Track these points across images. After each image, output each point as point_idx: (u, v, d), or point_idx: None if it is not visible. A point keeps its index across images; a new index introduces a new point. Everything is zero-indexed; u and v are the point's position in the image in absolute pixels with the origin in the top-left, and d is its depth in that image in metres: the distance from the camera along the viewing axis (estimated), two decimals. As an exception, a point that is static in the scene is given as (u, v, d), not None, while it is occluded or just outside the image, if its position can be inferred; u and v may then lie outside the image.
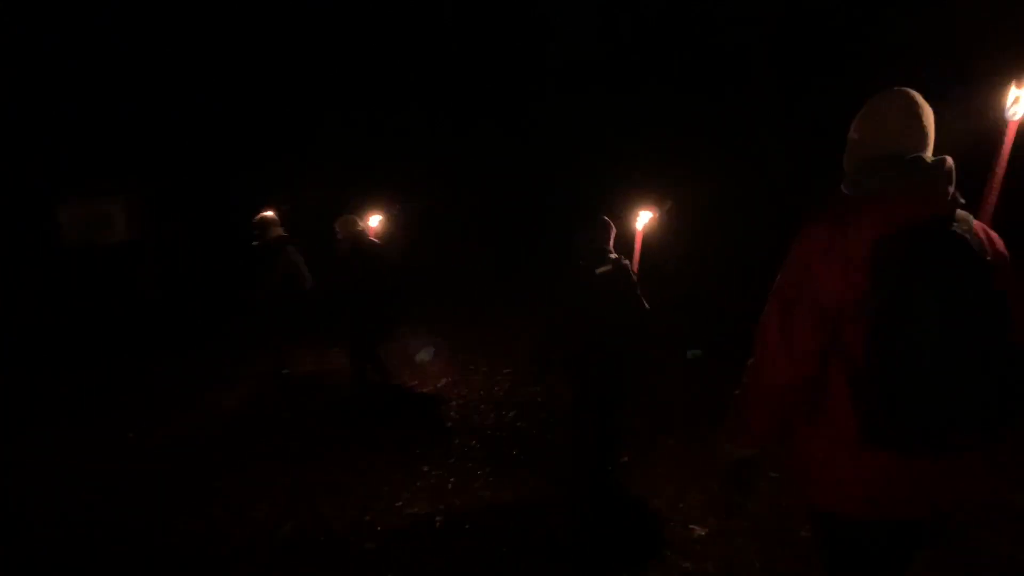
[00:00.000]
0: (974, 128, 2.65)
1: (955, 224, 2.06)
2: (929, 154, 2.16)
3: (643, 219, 4.48)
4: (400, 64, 14.69)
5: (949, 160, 2.11)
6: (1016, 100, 2.53)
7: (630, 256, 4.67)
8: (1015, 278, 2.13)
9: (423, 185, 13.38)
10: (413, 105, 14.52)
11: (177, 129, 13.44)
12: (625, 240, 4.87)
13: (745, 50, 12.25)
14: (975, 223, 2.14)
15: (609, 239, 4.62)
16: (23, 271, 11.59)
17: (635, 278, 4.55)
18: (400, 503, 5.00)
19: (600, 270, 4.47)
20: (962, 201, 2.12)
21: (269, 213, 7.85)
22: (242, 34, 13.51)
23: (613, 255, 4.56)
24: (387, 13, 14.40)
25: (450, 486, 5.25)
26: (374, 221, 7.38)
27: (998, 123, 2.56)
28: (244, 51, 13.56)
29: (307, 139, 14.14)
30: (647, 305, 4.57)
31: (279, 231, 7.73)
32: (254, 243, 7.70)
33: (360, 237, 6.85)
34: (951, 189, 2.10)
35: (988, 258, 2.06)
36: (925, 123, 2.16)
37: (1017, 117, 2.53)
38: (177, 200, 13.33)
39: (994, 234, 2.18)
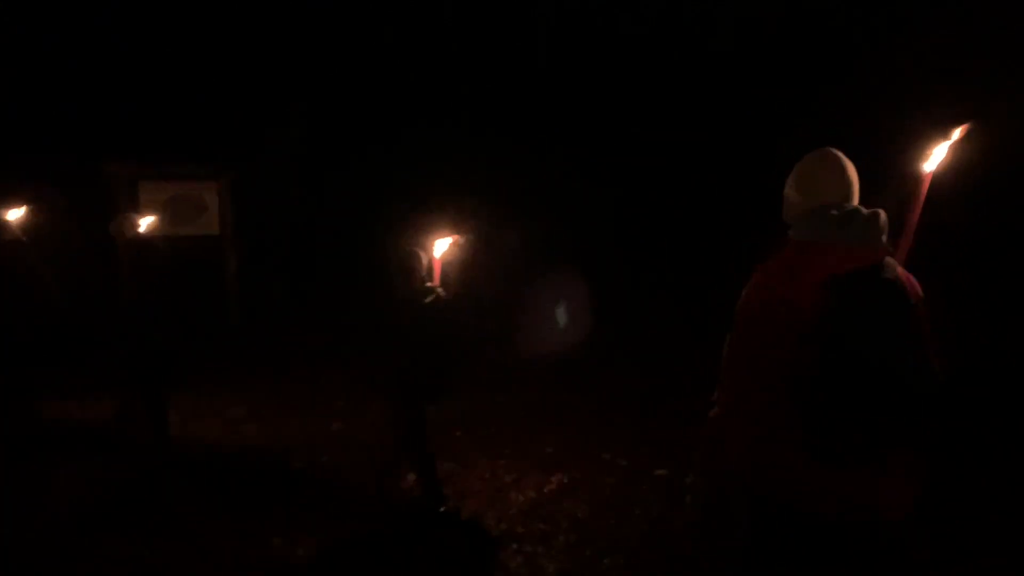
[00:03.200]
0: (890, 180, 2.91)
1: (885, 270, 2.42)
2: (856, 203, 2.55)
3: (441, 246, 4.94)
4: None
5: (883, 214, 2.48)
6: (929, 155, 2.77)
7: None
8: (927, 315, 2.47)
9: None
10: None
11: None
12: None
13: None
14: (899, 269, 2.49)
15: (423, 269, 5.07)
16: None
17: (451, 301, 5.03)
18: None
19: (427, 300, 4.96)
20: (891, 250, 2.51)
21: (13, 214, 6.63)
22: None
23: (430, 284, 5.03)
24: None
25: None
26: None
27: (915, 175, 2.79)
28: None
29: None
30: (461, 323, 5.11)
31: (16, 234, 6.60)
32: None
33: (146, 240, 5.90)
34: (884, 239, 2.48)
35: (912, 300, 2.42)
36: (851, 177, 2.57)
37: (931, 169, 2.77)
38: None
39: (912, 278, 2.52)
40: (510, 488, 5.71)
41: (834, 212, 2.46)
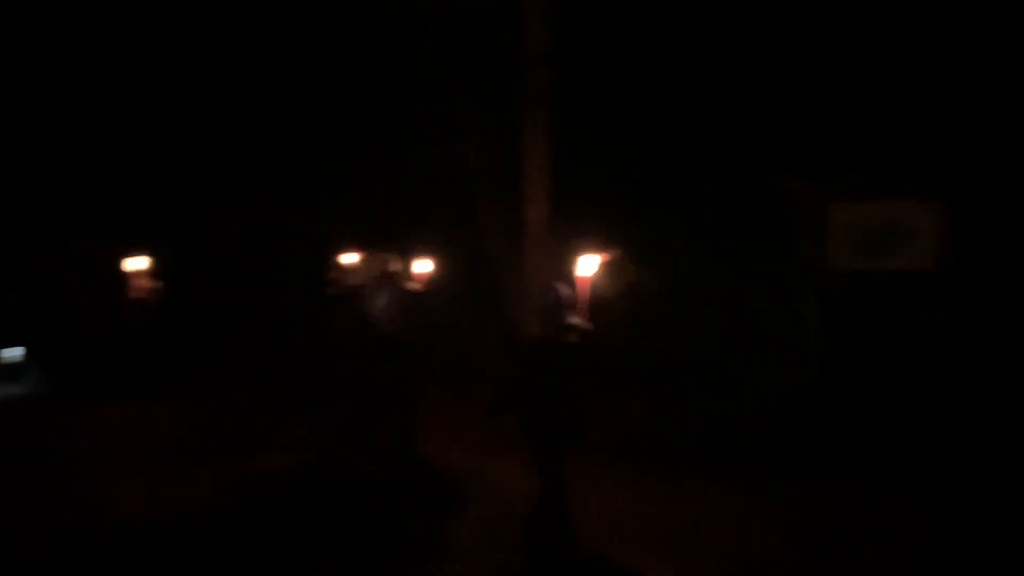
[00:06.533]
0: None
1: None
2: None
3: (589, 265, 4.90)
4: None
5: None
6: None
7: None
8: None
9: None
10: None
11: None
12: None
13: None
14: None
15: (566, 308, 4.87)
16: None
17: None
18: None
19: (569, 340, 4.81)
20: None
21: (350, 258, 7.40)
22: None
23: (573, 320, 4.82)
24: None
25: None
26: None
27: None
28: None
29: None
30: None
31: (355, 278, 7.30)
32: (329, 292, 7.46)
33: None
34: None
35: None
36: None
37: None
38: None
39: None
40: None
41: None
